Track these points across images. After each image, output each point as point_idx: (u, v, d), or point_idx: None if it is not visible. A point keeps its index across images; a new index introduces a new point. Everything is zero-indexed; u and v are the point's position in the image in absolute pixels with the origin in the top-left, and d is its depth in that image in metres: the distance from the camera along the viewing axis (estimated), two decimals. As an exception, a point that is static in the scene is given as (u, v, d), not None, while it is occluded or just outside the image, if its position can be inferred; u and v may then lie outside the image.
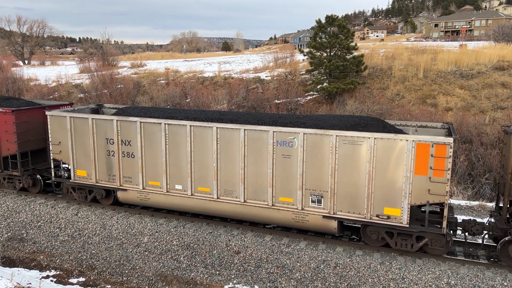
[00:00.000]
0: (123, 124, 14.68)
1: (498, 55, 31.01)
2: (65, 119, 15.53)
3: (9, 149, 17.02)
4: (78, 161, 15.71)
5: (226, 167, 13.54)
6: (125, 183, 15.15)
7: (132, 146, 14.67)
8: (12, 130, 16.63)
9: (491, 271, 11.76)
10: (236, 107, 29.28)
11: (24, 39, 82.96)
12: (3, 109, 16.70)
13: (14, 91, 39.79)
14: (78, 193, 16.37)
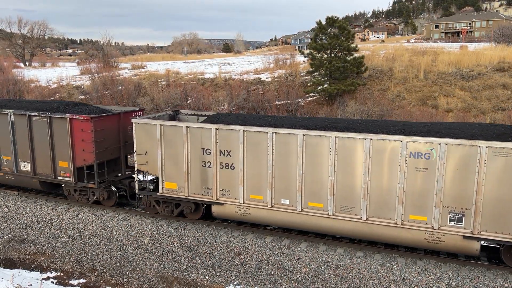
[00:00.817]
0: (223, 133, 13.48)
1: (498, 57, 31.00)
2: (155, 127, 14.21)
3: (85, 159, 15.59)
4: (168, 173, 14.44)
5: (344, 181, 12.38)
6: (222, 196, 13.94)
7: (232, 157, 13.49)
8: (90, 139, 15.27)
9: (492, 272, 11.74)
10: (236, 109, 29.30)
11: (25, 41, 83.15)
12: (81, 116, 15.38)
13: (15, 92, 39.85)
14: (163, 206, 15.13)
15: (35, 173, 16.85)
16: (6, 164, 17.52)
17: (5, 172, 17.56)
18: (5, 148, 17.31)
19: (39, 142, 16.47)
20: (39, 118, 16.28)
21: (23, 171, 17.17)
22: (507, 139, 11.25)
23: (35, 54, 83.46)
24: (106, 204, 16.55)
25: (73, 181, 16.13)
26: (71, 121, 15.54)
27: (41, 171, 16.75)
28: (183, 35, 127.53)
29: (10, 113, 16.81)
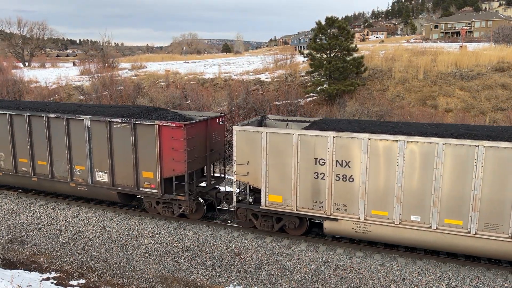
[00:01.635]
0: (341, 141, 12.24)
1: (498, 57, 31.01)
2: (259, 135, 13.05)
3: (175, 169, 14.26)
4: (272, 185, 13.25)
5: (493, 195, 11.14)
6: (337, 211, 12.72)
7: (351, 168, 12.30)
8: (181, 148, 13.93)
9: (491, 272, 11.75)
10: (236, 109, 29.29)
11: (24, 41, 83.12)
12: (173, 123, 14.03)
13: (14, 93, 39.82)
14: (262, 220, 13.93)
15: (113, 184, 15.38)
16: (79, 175, 16.00)
17: (77, 183, 16.08)
18: (79, 157, 15.84)
19: (120, 151, 15.03)
20: (121, 124, 14.80)
21: (99, 182, 15.65)
22: None
23: (34, 55, 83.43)
24: (192, 218, 15.32)
25: (159, 193, 14.70)
26: (160, 128, 14.12)
27: (121, 182, 15.30)
28: (183, 35, 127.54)
29: (86, 119, 15.35)
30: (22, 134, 16.72)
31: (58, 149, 16.11)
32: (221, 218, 15.76)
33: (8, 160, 17.29)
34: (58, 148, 16.11)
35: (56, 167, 16.37)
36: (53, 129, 16.07)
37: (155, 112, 15.74)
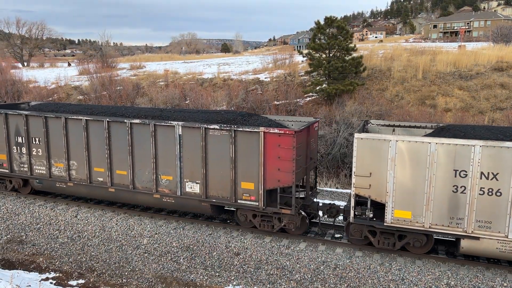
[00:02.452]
0: (489, 151, 11.09)
1: (496, 56, 31.07)
2: (385, 144, 11.85)
3: (280, 180, 12.96)
4: (400, 199, 12.05)
5: None
6: (479, 229, 11.57)
7: (499, 181, 11.15)
8: (290, 157, 12.66)
9: (490, 271, 11.77)
10: (235, 109, 29.29)
11: (23, 41, 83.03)
12: (281, 130, 12.75)
13: (13, 93, 39.79)
14: (382, 238, 12.69)
15: (206, 196, 14.08)
16: (165, 185, 14.61)
17: (162, 194, 14.66)
18: (166, 167, 14.49)
19: (215, 160, 13.74)
20: (218, 131, 13.51)
21: (189, 193, 14.26)
22: None
23: (33, 55, 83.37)
24: (294, 233, 14.05)
25: (261, 206, 13.35)
26: (265, 135, 12.88)
27: (215, 194, 14.00)
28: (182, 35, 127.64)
29: (178, 126, 14.04)
30: (99, 141, 15.26)
31: (142, 157, 14.68)
32: (319, 233, 14.49)
33: (81, 169, 15.82)
34: (141, 156, 14.69)
35: (138, 177, 14.94)
36: (137, 136, 14.63)
37: (249, 117, 14.57)
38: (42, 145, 16.28)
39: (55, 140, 16.03)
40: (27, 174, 16.89)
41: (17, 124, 16.58)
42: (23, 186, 17.58)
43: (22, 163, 16.89)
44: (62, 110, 16.77)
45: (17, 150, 16.85)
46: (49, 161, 16.31)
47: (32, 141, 16.49)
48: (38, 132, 16.25)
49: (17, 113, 16.42)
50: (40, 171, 16.62)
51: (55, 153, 16.16)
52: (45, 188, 16.98)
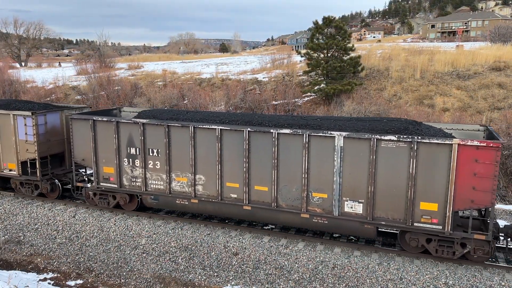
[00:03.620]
0: None
1: (494, 56, 31.11)
2: None
3: (475, 200, 11.46)
4: None
5: None
6: None
7: None
8: (490, 174, 11.14)
9: (488, 271, 11.79)
10: (234, 109, 29.28)
11: (20, 41, 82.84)
12: (482, 142, 11.16)
13: (11, 93, 39.69)
14: None
15: (372, 218, 12.44)
16: (317, 204, 13.03)
17: (313, 213, 13.10)
18: (319, 183, 12.86)
19: (387, 176, 12.12)
20: (394, 143, 11.91)
21: (348, 213, 12.68)
22: None
23: (31, 55, 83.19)
24: (477, 260, 12.25)
25: (447, 230, 11.72)
26: (459, 148, 11.33)
27: (383, 215, 12.36)
28: (180, 35, 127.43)
29: (339, 137, 12.40)
30: (234, 154, 13.64)
31: (289, 172, 13.14)
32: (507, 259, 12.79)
33: (210, 184, 14.14)
34: (288, 170, 13.14)
35: (283, 194, 13.32)
36: (284, 148, 13.11)
37: (418, 125, 13.05)
38: (161, 157, 14.53)
39: (178, 151, 14.27)
40: (140, 190, 15.04)
41: (130, 134, 14.76)
42: (129, 202, 15.89)
43: (134, 177, 15.06)
44: (184, 117, 14.89)
45: (129, 163, 15.01)
46: (170, 175, 14.54)
47: (148, 152, 14.68)
48: (158, 143, 14.45)
49: (132, 122, 14.66)
50: (156, 186, 14.83)
51: (178, 166, 14.39)
52: (160, 205, 15.22)
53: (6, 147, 17.25)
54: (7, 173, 17.59)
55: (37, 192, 17.53)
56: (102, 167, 15.46)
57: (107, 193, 15.95)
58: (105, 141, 15.16)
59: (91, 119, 15.18)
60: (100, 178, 15.60)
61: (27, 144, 16.74)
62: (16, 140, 16.99)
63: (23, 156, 16.97)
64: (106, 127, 15.06)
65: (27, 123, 16.54)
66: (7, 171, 17.56)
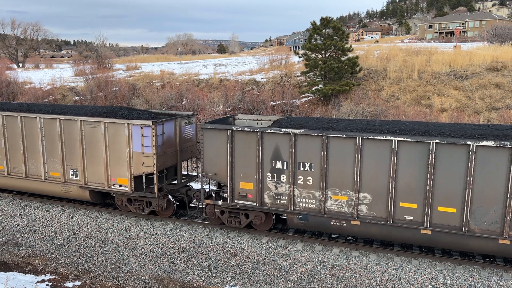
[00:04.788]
0: None
1: (491, 56, 31.21)
2: None
3: None
4: None
5: None
6: None
7: None
8: None
9: (486, 270, 11.81)
10: (232, 109, 29.27)
11: (18, 42, 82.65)
12: None
13: (8, 94, 39.59)
14: None
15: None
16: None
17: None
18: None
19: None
20: None
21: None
22: None
23: (28, 56, 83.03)
24: None
25: None
26: None
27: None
28: (178, 36, 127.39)
29: None
30: (413, 169, 11.87)
31: (485, 191, 11.39)
32: None
33: (378, 204, 12.37)
34: (485, 189, 11.39)
35: (477, 216, 11.59)
36: (480, 164, 11.28)
37: None
38: (315, 172, 12.84)
39: (337, 166, 12.57)
40: (286, 208, 13.33)
41: (277, 146, 13.08)
42: (265, 221, 14.18)
43: (279, 195, 13.35)
44: (340, 127, 13.22)
45: (273, 178, 13.29)
46: (325, 192, 12.85)
47: (299, 167, 12.99)
48: (311, 156, 12.77)
49: (281, 132, 12.93)
50: (307, 205, 13.13)
51: (336, 182, 12.70)
52: (310, 226, 13.47)
53: (116, 160, 15.10)
54: (116, 189, 15.34)
55: (148, 209, 15.52)
56: (238, 182, 13.71)
57: (239, 211, 14.18)
58: (244, 153, 13.39)
59: (229, 129, 13.36)
60: (236, 195, 13.83)
61: (144, 157, 14.59)
62: (130, 153, 14.78)
63: (137, 170, 14.83)
64: (246, 138, 13.25)
65: (144, 133, 14.43)
66: (116, 186, 15.32)
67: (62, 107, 18.10)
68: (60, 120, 15.81)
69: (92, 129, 15.34)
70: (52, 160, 16.34)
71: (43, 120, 16.19)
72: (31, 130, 16.53)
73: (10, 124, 16.93)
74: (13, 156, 17.19)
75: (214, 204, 14.38)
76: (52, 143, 16.17)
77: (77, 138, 15.64)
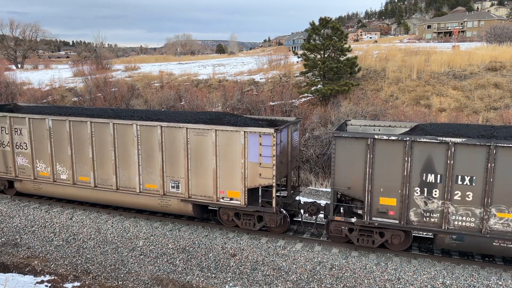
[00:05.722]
0: None
1: (490, 56, 31.26)
2: None
3: None
4: None
5: None
6: None
7: None
8: None
9: (485, 270, 11.82)
10: (231, 110, 29.28)
11: (17, 43, 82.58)
12: None
13: (7, 95, 39.54)
14: None
15: None
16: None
17: None
18: None
19: None
20: None
21: None
22: None
23: (27, 57, 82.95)
24: None
25: None
26: None
27: None
28: (177, 36, 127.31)
29: None
30: None
31: None
32: None
33: None
34: None
35: None
36: None
37: None
38: (476, 187, 11.37)
39: (505, 179, 11.15)
40: (438, 227, 11.88)
41: (429, 157, 11.67)
42: (403, 241, 12.79)
43: (429, 212, 11.90)
44: (500, 135, 11.80)
45: (422, 193, 11.88)
46: (488, 209, 11.41)
47: (456, 180, 11.52)
48: (471, 168, 11.33)
49: (437, 141, 11.48)
50: (463, 223, 11.69)
51: (502, 198, 11.28)
52: (465, 247, 12.05)
53: (227, 171, 13.79)
54: (225, 202, 14.00)
55: (260, 225, 14.14)
56: (377, 197, 12.30)
57: (372, 229, 12.75)
58: (386, 165, 12.04)
59: (370, 138, 11.98)
60: (374, 211, 12.43)
61: (262, 168, 13.26)
62: (245, 163, 13.47)
63: (252, 183, 13.53)
64: (390, 148, 11.91)
65: (263, 142, 13.12)
66: (226, 200, 13.97)
67: (156, 112, 16.70)
68: (161, 127, 14.27)
69: (200, 138, 13.87)
70: (149, 171, 14.82)
71: (139, 127, 14.64)
72: (125, 138, 14.95)
73: (100, 132, 15.31)
74: (101, 166, 15.56)
75: (345, 221, 12.81)
76: (150, 153, 14.64)
77: (182, 147, 14.11)
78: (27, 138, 16.65)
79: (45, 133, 16.28)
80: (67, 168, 16.19)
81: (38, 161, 16.70)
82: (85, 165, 15.84)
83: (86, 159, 15.76)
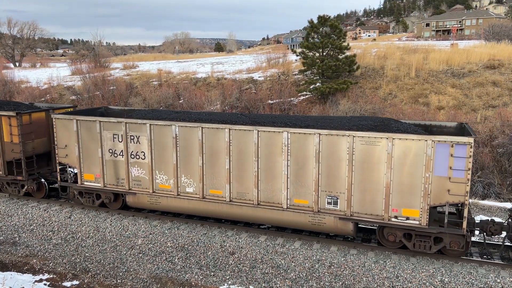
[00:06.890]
0: None
1: (488, 54, 31.28)
2: None
3: None
4: None
5: None
6: None
7: None
8: None
9: (484, 268, 11.86)
10: (229, 108, 29.25)
11: (15, 41, 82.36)
12: None
13: (5, 94, 39.45)
14: None
15: None
16: None
17: None
18: None
19: None
20: None
21: None
22: None
23: (25, 55, 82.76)
24: None
25: None
26: None
27: None
28: (175, 34, 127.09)
29: None
30: None
31: None
32: None
33: None
34: None
35: None
36: None
37: None
38: None
39: None
40: None
41: None
42: None
43: None
44: None
45: None
46: None
47: None
48: None
49: None
50: None
51: None
52: None
53: (403, 186, 12.16)
54: (399, 222, 12.28)
55: (437, 247, 12.49)
56: None
57: None
58: None
59: None
60: None
61: (451, 183, 11.70)
62: (430, 177, 11.84)
63: (438, 200, 11.91)
64: None
65: (455, 153, 11.52)
66: (401, 219, 12.25)
67: (288, 117, 15.15)
68: (319, 135, 12.71)
69: (368, 147, 12.23)
70: (299, 184, 13.23)
71: (290, 135, 13.08)
72: (271, 147, 13.46)
73: (240, 140, 13.70)
74: (239, 179, 13.96)
75: None
76: (302, 164, 13.14)
77: (344, 157, 12.52)
78: (146, 146, 14.79)
79: (169, 141, 14.49)
80: (195, 181, 14.49)
81: (158, 172, 14.93)
82: (218, 177, 14.17)
83: (219, 171, 14.08)
